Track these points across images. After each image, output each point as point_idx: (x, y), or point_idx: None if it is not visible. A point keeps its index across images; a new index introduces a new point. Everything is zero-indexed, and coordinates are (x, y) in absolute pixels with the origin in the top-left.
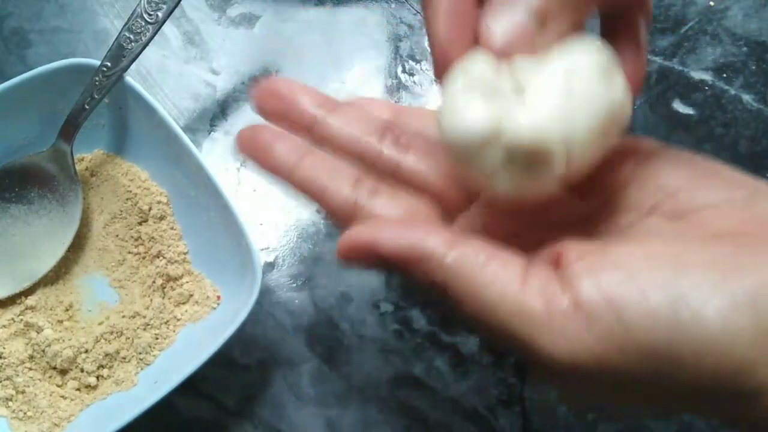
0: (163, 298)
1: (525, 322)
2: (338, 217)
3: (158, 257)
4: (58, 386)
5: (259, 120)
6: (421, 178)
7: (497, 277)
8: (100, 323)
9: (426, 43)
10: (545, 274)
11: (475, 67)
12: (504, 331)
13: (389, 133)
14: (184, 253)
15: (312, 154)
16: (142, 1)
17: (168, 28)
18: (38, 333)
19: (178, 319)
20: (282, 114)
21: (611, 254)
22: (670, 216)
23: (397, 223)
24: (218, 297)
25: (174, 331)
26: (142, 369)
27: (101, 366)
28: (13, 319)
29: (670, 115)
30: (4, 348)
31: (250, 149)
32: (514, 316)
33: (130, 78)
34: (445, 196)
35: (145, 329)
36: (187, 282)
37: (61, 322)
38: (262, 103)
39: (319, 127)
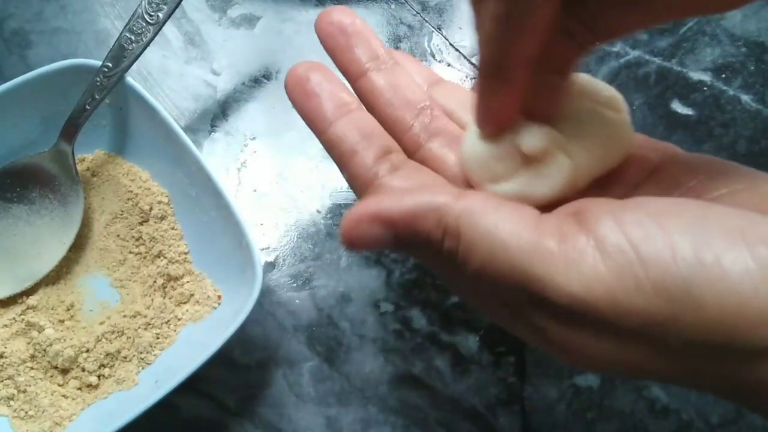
0: (164, 297)
1: (538, 258)
2: (356, 184)
3: (159, 257)
4: (60, 385)
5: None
6: (437, 164)
7: (510, 217)
8: (102, 323)
9: (426, 44)
10: (561, 217)
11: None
12: (515, 273)
13: (424, 113)
14: (185, 253)
15: (350, 114)
16: (143, 2)
17: (169, 28)
18: (40, 332)
19: (179, 319)
20: (337, 51)
21: (632, 202)
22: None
23: (400, 189)
24: (219, 297)
25: (175, 331)
26: (143, 368)
27: (102, 365)
28: (14, 318)
29: (669, 116)
30: (5, 347)
31: (297, 90)
32: (526, 253)
33: (131, 78)
34: (455, 185)
35: (146, 329)
36: (188, 282)
37: (62, 321)
38: (324, 31)
39: (364, 82)
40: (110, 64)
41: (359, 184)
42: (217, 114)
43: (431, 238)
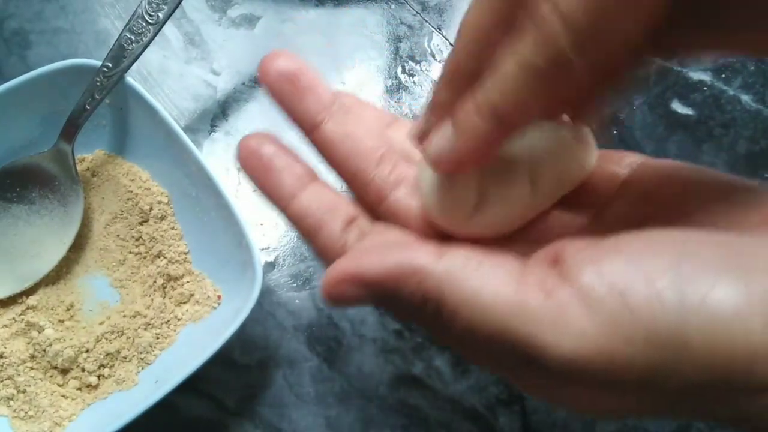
0: (164, 297)
1: (524, 319)
2: (326, 257)
3: (159, 257)
4: (59, 386)
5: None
6: (403, 215)
7: (491, 278)
8: (101, 323)
9: (426, 44)
10: (543, 270)
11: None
12: (504, 336)
13: (383, 162)
14: (185, 253)
15: (309, 186)
16: (143, 2)
17: (169, 28)
18: (39, 332)
19: (179, 319)
20: (285, 102)
21: (611, 243)
22: (663, 223)
23: (379, 246)
24: (219, 297)
25: (175, 331)
26: (142, 368)
27: (102, 365)
28: (14, 318)
29: (668, 116)
30: (5, 347)
31: (251, 165)
32: (512, 315)
33: (130, 78)
34: (425, 234)
35: (145, 329)
36: (188, 282)
37: (62, 321)
38: (270, 81)
39: (318, 134)
40: (110, 64)
41: (329, 257)
42: (217, 114)
43: (413, 301)
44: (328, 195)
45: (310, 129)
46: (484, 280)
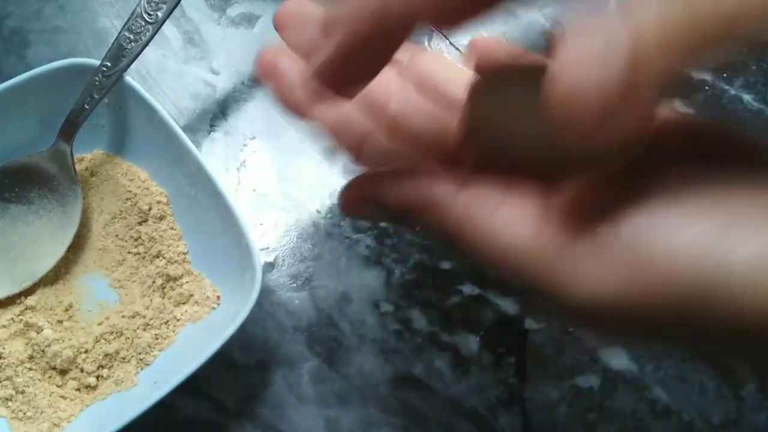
0: (163, 298)
1: (541, 267)
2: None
3: (158, 257)
4: (58, 386)
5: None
6: (413, 140)
7: (509, 222)
8: (100, 323)
9: (426, 44)
10: (563, 215)
11: None
12: (518, 276)
13: (401, 93)
14: (184, 253)
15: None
16: (142, 1)
17: (168, 28)
18: (38, 333)
19: (178, 319)
20: (300, 43)
21: (637, 198)
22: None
23: (401, 172)
24: (218, 297)
25: (174, 332)
26: (141, 369)
27: (101, 366)
28: (12, 319)
29: None
30: (3, 348)
31: (269, 76)
32: (529, 262)
33: (129, 78)
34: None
35: (144, 329)
36: (187, 282)
37: (60, 322)
38: (282, 24)
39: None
40: (109, 64)
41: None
42: (217, 113)
43: (432, 230)
44: (340, 112)
45: None
46: (502, 222)
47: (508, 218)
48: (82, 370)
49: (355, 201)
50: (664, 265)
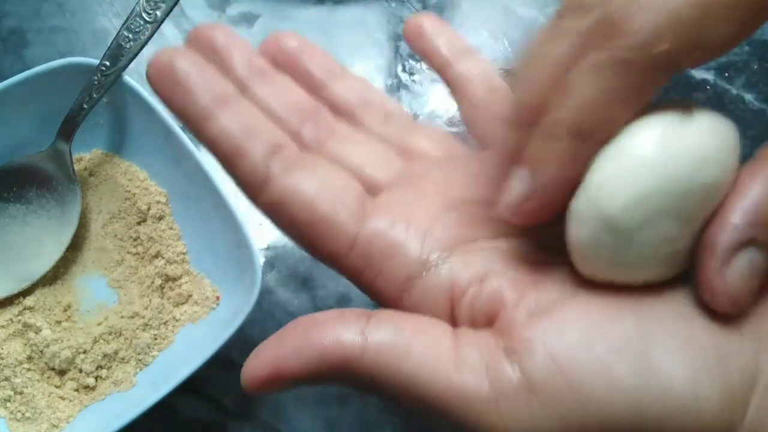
0: (162, 298)
1: (466, 405)
2: (247, 188)
3: (157, 257)
4: (57, 387)
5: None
6: (342, 160)
7: (426, 359)
8: (99, 324)
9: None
10: (485, 344)
11: None
12: (445, 416)
13: (310, 121)
14: (183, 253)
15: (235, 104)
16: (141, 0)
17: (167, 27)
18: (36, 333)
19: (177, 320)
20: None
21: (565, 315)
22: None
23: (294, 329)
24: (217, 297)
25: (173, 332)
26: (140, 370)
27: (100, 366)
28: (11, 319)
29: None
30: (2, 349)
31: (163, 81)
32: (453, 400)
33: (128, 77)
34: (363, 179)
35: (143, 330)
36: (186, 282)
37: (59, 322)
38: (192, 47)
39: (247, 95)
40: (108, 63)
41: (251, 188)
42: None
43: (350, 387)
44: (254, 116)
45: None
46: (418, 363)
47: (424, 355)
48: (80, 371)
49: (258, 379)
50: (604, 400)
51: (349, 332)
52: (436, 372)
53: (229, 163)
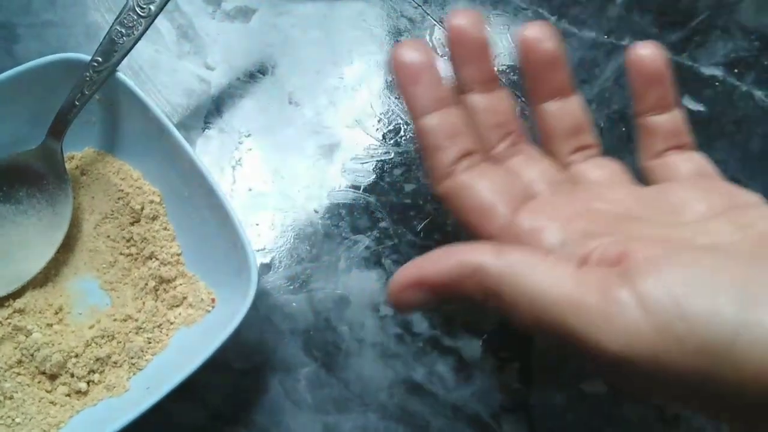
0: (156, 300)
1: (580, 316)
2: (433, 174)
3: (151, 258)
4: (48, 392)
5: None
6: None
7: (549, 274)
8: (91, 327)
9: (427, 37)
10: (602, 270)
11: None
12: (559, 328)
13: (508, 137)
14: (178, 255)
15: (444, 110)
16: None
17: (161, 22)
18: (27, 337)
19: (172, 323)
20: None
21: (678, 255)
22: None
23: (440, 251)
24: (213, 300)
25: (167, 335)
26: (134, 374)
27: (92, 371)
28: (0, 322)
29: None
30: None
31: (400, 69)
32: (568, 311)
33: (121, 73)
34: (527, 190)
35: (137, 333)
36: (181, 284)
37: (50, 325)
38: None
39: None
40: (100, 59)
41: (435, 176)
42: (211, 110)
43: (474, 299)
44: (458, 123)
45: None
46: (542, 277)
47: (547, 272)
48: (72, 375)
49: (402, 288)
50: (701, 322)
51: (484, 249)
52: (557, 285)
53: (428, 153)
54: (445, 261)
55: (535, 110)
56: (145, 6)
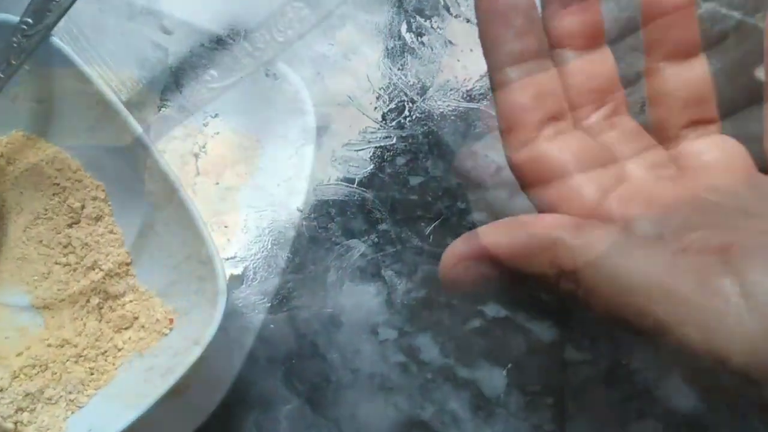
0: (100, 321)
1: (671, 306)
2: (508, 137)
3: (93, 269)
4: None
5: None
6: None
7: (637, 256)
8: (19, 354)
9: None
10: (702, 257)
11: None
12: (645, 320)
13: (605, 106)
14: (127, 264)
15: (536, 62)
16: None
17: None
18: None
19: (119, 349)
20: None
21: None
22: None
23: (504, 222)
24: (170, 321)
25: (113, 365)
26: (72, 413)
27: (20, 409)
28: None
29: (750, 86)
30: None
31: (486, 5)
32: (658, 299)
33: (57, 38)
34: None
35: (76, 362)
36: (131, 301)
37: None
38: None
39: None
40: (30, 20)
41: (513, 142)
42: (169, 84)
43: (545, 278)
44: (546, 83)
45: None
46: (628, 259)
47: (634, 256)
48: None
49: (458, 260)
50: None
51: (564, 218)
52: (646, 268)
53: (506, 114)
54: (515, 231)
55: (649, 70)
56: None
